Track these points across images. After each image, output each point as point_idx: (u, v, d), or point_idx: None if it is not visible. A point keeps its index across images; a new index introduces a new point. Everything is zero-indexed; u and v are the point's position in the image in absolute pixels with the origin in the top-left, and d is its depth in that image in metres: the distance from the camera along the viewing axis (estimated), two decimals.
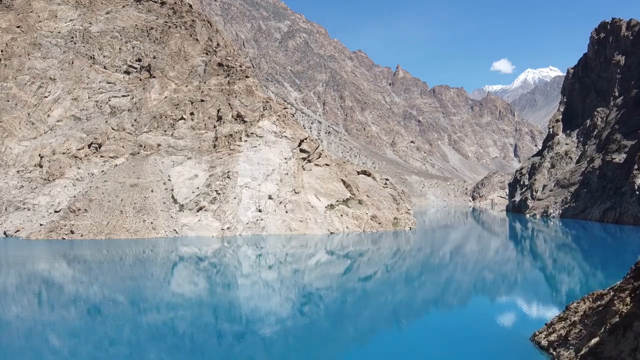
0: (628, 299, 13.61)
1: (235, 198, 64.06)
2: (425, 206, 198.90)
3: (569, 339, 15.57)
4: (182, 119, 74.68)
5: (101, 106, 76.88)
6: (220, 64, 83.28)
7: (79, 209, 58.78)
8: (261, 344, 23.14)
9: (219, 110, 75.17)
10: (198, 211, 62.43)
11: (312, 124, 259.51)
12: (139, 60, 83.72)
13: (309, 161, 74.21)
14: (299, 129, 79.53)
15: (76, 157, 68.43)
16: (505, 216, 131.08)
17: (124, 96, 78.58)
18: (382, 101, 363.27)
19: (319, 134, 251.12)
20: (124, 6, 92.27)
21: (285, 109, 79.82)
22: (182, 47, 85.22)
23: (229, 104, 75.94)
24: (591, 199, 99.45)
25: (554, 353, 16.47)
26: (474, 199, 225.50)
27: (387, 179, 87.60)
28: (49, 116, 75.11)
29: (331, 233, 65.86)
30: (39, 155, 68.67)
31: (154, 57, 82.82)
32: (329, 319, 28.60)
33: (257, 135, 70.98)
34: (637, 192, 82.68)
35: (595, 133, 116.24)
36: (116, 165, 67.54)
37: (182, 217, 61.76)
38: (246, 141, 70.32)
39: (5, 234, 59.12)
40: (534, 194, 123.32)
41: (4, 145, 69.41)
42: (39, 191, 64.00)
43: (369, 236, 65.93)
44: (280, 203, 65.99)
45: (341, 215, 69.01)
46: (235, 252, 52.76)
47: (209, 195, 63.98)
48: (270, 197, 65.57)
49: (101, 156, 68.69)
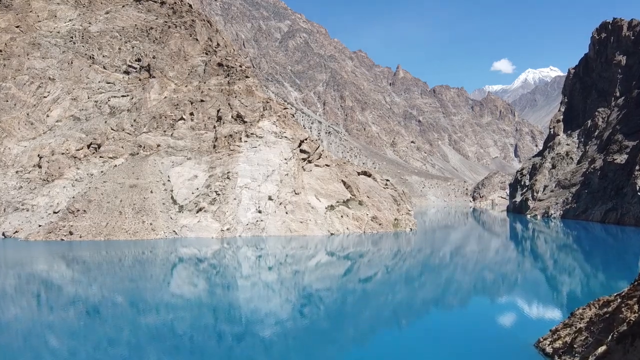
0: (636, 307, 13.27)
1: (235, 199, 63.73)
2: (426, 206, 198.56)
3: (575, 346, 15.24)
4: (181, 119, 74.36)
5: (100, 106, 76.56)
6: (220, 64, 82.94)
7: (78, 210, 58.47)
8: (261, 346, 23.03)
9: (218, 111, 74.85)
10: (197, 212, 62.11)
11: (312, 124, 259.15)
12: (139, 60, 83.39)
13: (309, 162, 73.88)
14: (299, 129, 79.20)
15: (75, 157, 68.12)
16: (506, 217, 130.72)
17: (123, 96, 78.26)
18: (383, 101, 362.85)
19: (319, 134, 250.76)
20: (123, 6, 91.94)
21: (285, 109, 79.49)
22: (181, 47, 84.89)
23: (228, 104, 75.62)
24: (592, 200, 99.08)
25: None
26: (474, 200, 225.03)
27: (387, 180, 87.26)
28: (48, 116, 74.80)
29: (331, 234, 65.54)
30: (38, 155, 68.36)
31: (153, 57, 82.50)
32: (329, 320, 28.38)
33: (257, 136, 70.65)
34: (639, 193, 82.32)
35: (596, 133, 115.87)
36: (115, 165, 67.23)
37: (181, 218, 61.45)
38: (246, 142, 70.00)
39: (3, 235, 58.84)
40: (535, 194, 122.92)
41: (2, 146, 69.10)
42: (37, 192, 63.69)
43: (369, 237, 65.61)
44: (280, 204, 65.66)
45: (341, 216, 68.68)
46: (235, 253, 52.48)
47: (208, 196, 63.66)
48: (270, 198, 65.25)
49: (100, 157, 68.38)
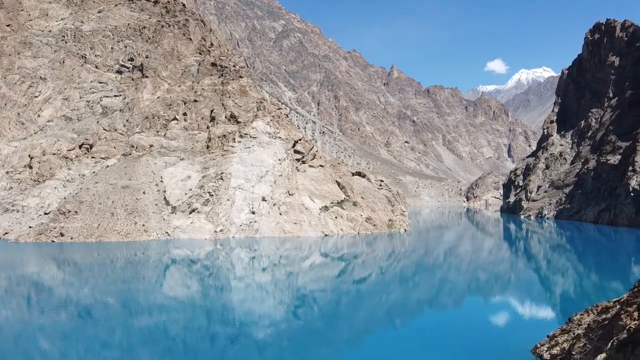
0: (636, 314, 13.03)
1: (228, 200, 63.26)
2: (420, 207, 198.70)
3: (573, 353, 15.00)
4: (174, 119, 73.78)
5: (92, 106, 75.83)
6: (213, 64, 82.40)
7: (69, 211, 57.80)
8: (255, 348, 22.89)
9: (212, 111, 74.32)
10: (191, 213, 61.59)
11: (306, 124, 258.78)
12: (132, 59, 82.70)
13: (303, 162, 73.52)
14: (293, 129, 78.80)
15: (67, 158, 67.38)
16: (500, 217, 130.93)
17: (115, 96, 77.57)
18: (377, 101, 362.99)
19: (313, 134, 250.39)
20: (116, 5, 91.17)
21: (279, 109, 79.08)
22: (175, 47, 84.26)
23: (222, 104, 75.12)
24: (586, 200, 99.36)
25: None
26: (468, 200, 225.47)
27: (381, 180, 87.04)
28: (39, 116, 73.99)
29: (325, 235, 65.21)
30: (29, 156, 67.55)
31: (146, 57, 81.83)
32: (323, 322, 28.21)
33: (250, 136, 70.22)
34: (632, 194, 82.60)
35: (589, 134, 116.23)
36: (107, 166, 66.58)
37: (174, 219, 60.91)
38: (240, 142, 69.55)
39: None
40: (529, 194, 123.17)
41: None
42: (28, 193, 62.94)
43: (363, 238, 65.34)
44: (274, 205, 65.26)
45: (336, 217, 68.36)
46: (228, 254, 52.06)
47: (201, 197, 63.16)
48: (264, 199, 64.82)
49: (92, 157, 67.69)
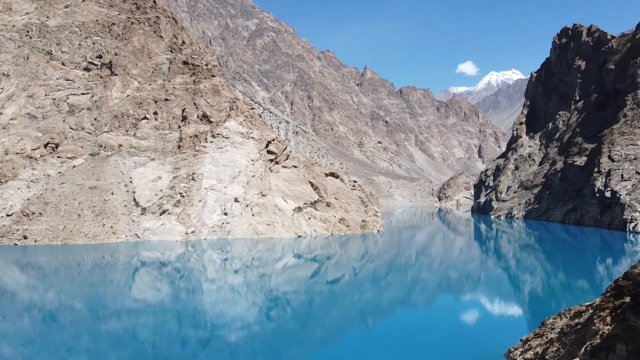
0: (609, 319, 13.07)
1: (200, 201, 62.20)
2: (392, 207, 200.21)
3: (546, 357, 15.00)
4: (145, 118, 72.16)
5: (59, 104, 73.51)
6: (185, 62, 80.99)
7: (34, 213, 55.82)
8: (227, 351, 22.49)
9: (183, 110, 73.01)
10: (161, 214, 60.30)
11: (279, 123, 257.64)
12: (100, 56, 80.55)
13: (277, 163, 72.94)
14: (267, 129, 78.09)
15: (31, 157, 65.07)
16: (471, 217, 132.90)
17: (83, 94, 75.38)
18: (350, 101, 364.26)
19: (286, 133, 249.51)
20: (83, 0, 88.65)
21: (252, 109, 78.23)
22: (145, 44, 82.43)
23: (194, 103, 73.86)
24: (553, 201, 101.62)
25: None
26: (439, 200, 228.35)
27: (355, 181, 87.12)
28: (1, 114, 71.21)
29: (299, 236, 64.81)
30: None
31: (115, 54, 79.83)
32: (295, 324, 28.02)
33: (223, 136, 69.24)
34: (597, 195, 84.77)
35: (557, 136, 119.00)
36: (74, 166, 64.59)
37: (144, 220, 59.52)
38: (212, 142, 68.49)
39: None
40: (499, 195, 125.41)
41: None
42: None
43: (337, 239, 65.19)
44: (247, 206, 64.49)
45: (309, 218, 68.01)
46: (200, 256, 51.18)
47: (172, 198, 61.92)
48: (236, 200, 63.97)
49: (58, 157, 65.58)
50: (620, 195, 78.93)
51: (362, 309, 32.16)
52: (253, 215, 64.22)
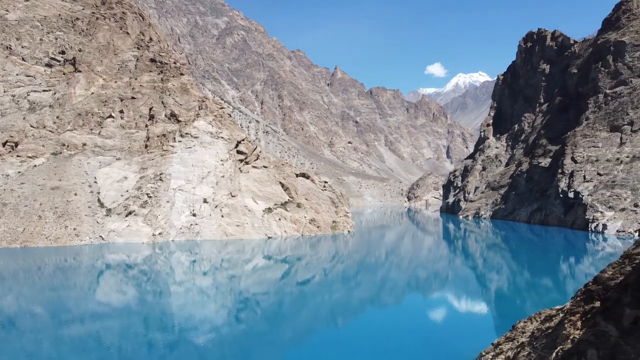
0: (579, 323, 13.09)
1: (167, 202, 60.85)
2: (363, 207, 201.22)
3: None
4: (110, 116, 70.18)
5: (18, 101, 70.75)
6: (153, 60, 79.15)
7: None
8: (195, 354, 22.01)
9: (151, 109, 71.34)
10: (127, 216, 58.71)
11: (249, 123, 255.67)
12: (63, 52, 77.92)
13: (247, 163, 72.06)
14: (236, 129, 77.07)
15: None
16: (440, 217, 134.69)
17: (45, 91, 72.77)
18: (320, 101, 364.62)
19: (256, 133, 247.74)
20: None
21: (222, 108, 77.10)
22: (111, 40, 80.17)
23: (162, 102, 72.26)
24: (519, 201, 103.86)
25: None
26: (409, 200, 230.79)
27: (325, 182, 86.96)
28: None
29: (269, 238, 64.18)
30: None
31: (79, 50, 77.37)
32: (264, 326, 27.74)
33: (192, 136, 67.96)
34: (561, 195, 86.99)
35: (522, 137, 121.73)
36: (35, 166, 62.26)
37: (109, 222, 57.82)
38: (180, 142, 67.14)
39: None
40: (467, 195, 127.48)
41: None
42: None
43: (307, 240, 64.84)
44: (216, 207, 63.46)
45: (279, 219, 67.44)
46: (167, 258, 50.03)
47: (139, 199, 60.36)
48: (205, 201, 62.87)
49: (18, 156, 63.09)
50: (583, 195, 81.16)
51: (331, 310, 31.92)
52: (222, 216, 63.24)
